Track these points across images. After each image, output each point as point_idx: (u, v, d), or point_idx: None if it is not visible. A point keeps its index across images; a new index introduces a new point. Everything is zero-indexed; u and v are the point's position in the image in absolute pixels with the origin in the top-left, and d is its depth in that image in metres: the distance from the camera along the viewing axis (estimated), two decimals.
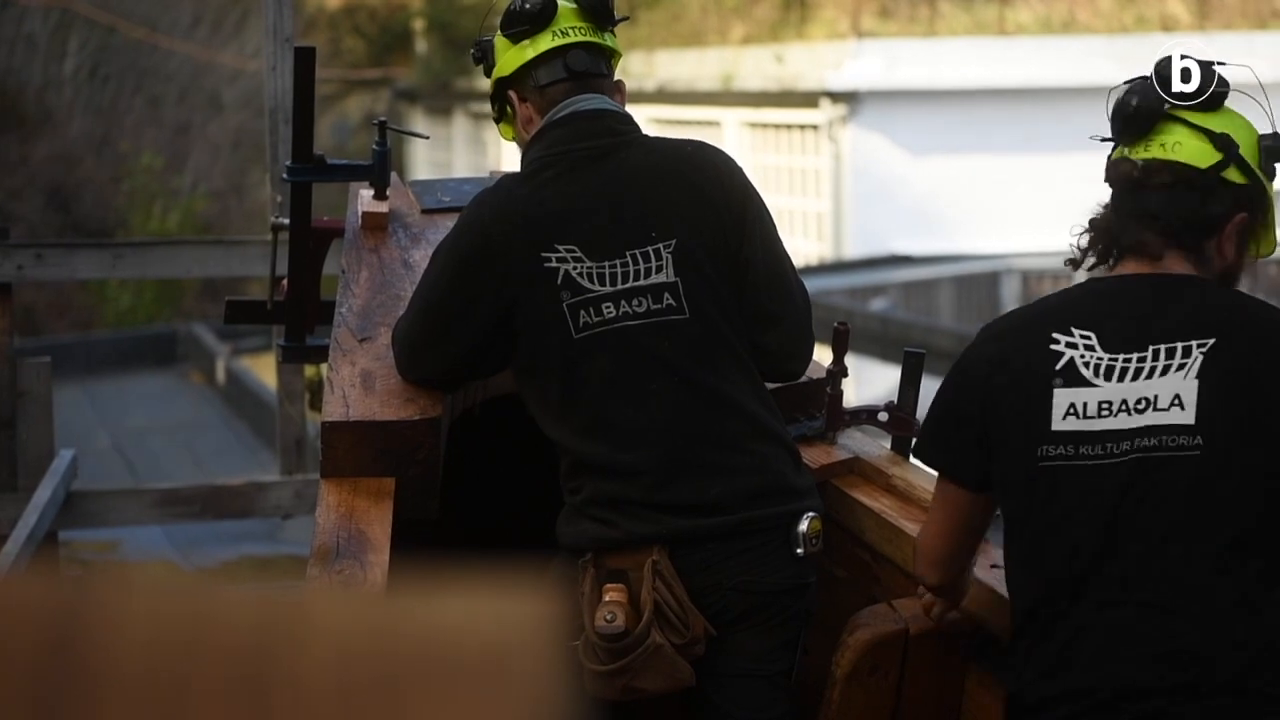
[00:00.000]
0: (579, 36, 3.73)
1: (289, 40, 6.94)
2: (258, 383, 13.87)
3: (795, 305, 3.72)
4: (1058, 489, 3.04)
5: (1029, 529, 3.10)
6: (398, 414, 3.71)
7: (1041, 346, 3.07)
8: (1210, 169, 3.07)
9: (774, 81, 22.83)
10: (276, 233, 4.78)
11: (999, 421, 3.10)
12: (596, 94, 3.71)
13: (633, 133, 3.71)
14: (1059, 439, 3.03)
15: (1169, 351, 3.00)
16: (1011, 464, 3.10)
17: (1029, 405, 3.06)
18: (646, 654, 3.48)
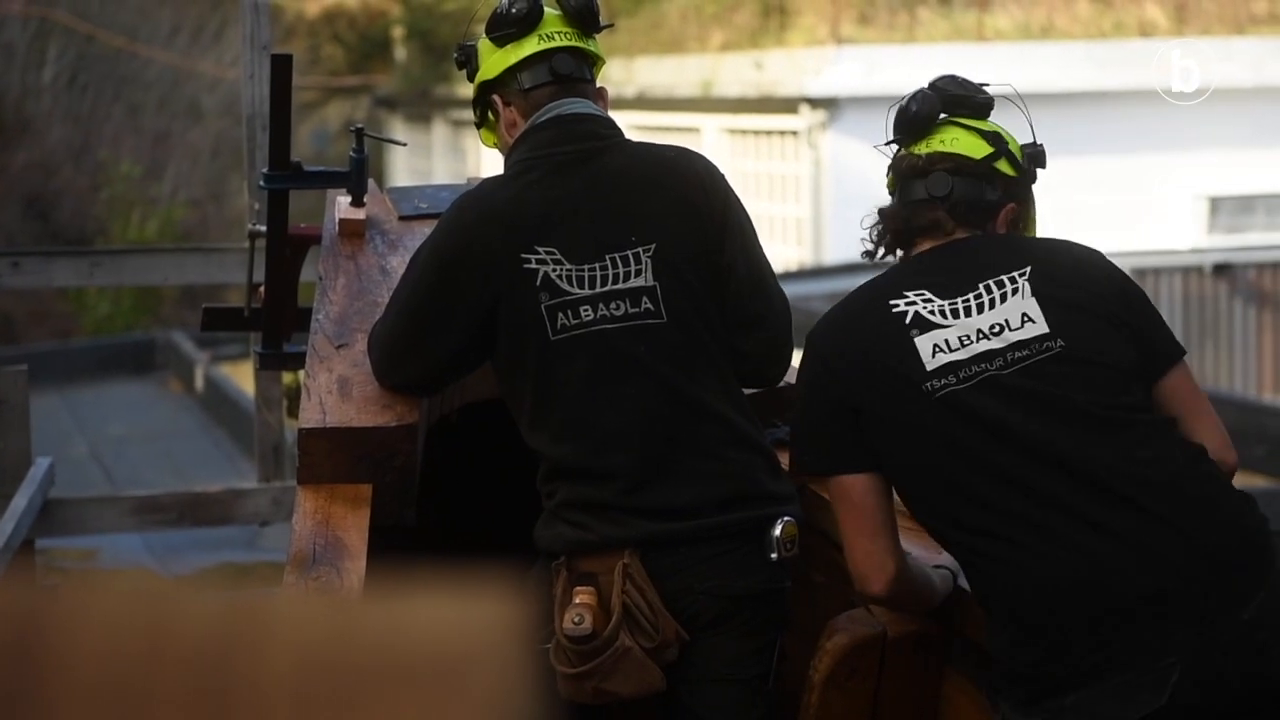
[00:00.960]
0: (564, 41, 3.74)
1: (266, 48, 6.94)
2: (236, 390, 13.85)
3: (775, 311, 3.72)
4: (952, 418, 3.24)
5: (937, 472, 3.24)
6: (375, 420, 3.71)
7: (884, 313, 3.33)
8: (985, 159, 3.45)
9: (753, 88, 22.84)
10: (254, 240, 4.78)
11: (870, 391, 3.29)
12: (581, 98, 3.72)
13: (616, 137, 3.72)
14: (938, 374, 3.26)
15: (997, 284, 3.33)
16: (899, 422, 3.27)
17: (899, 362, 3.28)
18: (615, 657, 3.48)
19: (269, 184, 4.44)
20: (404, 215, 4.49)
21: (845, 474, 3.35)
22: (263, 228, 4.60)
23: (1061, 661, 3.13)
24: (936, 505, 3.31)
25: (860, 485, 3.34)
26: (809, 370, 3.41)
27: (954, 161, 3.44)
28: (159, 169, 23.13)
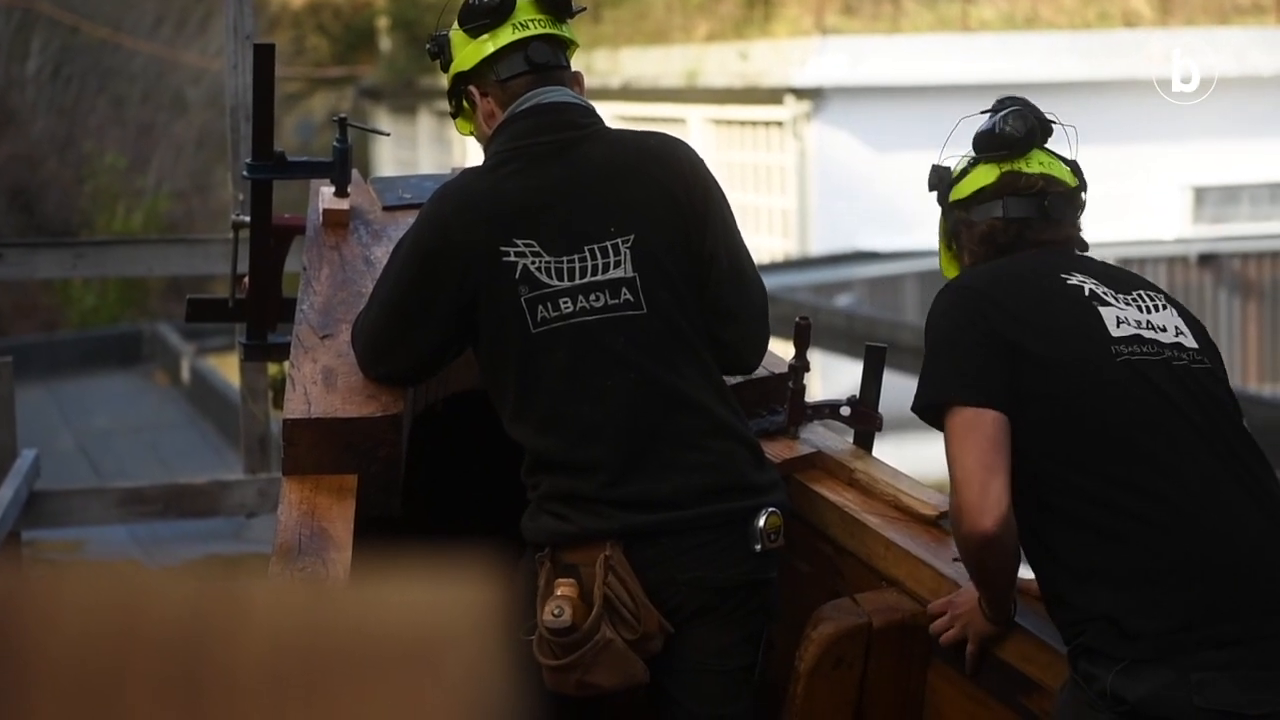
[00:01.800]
0: (539, 29, 3.72)
1: (250, 38, 6.92)
2: (222, 382, 13.81)
3: (753, 300, 3.72)
4: (1138, 382, 3.32)
5: (1108, 427, 3.27)
6: (360, 411, 3.71)
7: (1059, 282, 3.43)
8: (1076, 188, 3.63)
9: (738, 78, 22.83)
10: (237, 230, 4.77)
11: (1048, 338, 3.33)
12: (559, 86, 3.71)
13: (595, 125, 3.70)
14: (1124, 341, 3.34)
15: (1150, 295, 3.47)
16: (1076, 372, 3.31)
17: (1082, 321, 3.36)
18: (596, 649, 3.47)
19: (252, 174, 4.43)
20: (388, 205, 4.49)
21: (985, 407, 3.26)
22: (246, 218, 4.59)
23: (1201, 629, 3.13)
24: (1091, 458, 3.26)
25: (995, 420, 3.24)
26: (965, 309, 3.37)
27: (1062, 184, 3.59)
28: (143, 161, 23.08)
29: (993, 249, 3.55)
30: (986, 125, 3.64)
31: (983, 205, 3.57)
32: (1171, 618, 3.14)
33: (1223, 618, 3.14)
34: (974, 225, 3.57)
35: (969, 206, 3.58)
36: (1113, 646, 3.15)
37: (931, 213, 3.74)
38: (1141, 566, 3.18)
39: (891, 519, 3.90)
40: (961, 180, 3.62)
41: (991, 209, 3.56)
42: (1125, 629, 3.15)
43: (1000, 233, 3.55)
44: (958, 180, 3.62)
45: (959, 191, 3.60)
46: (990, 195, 3.57)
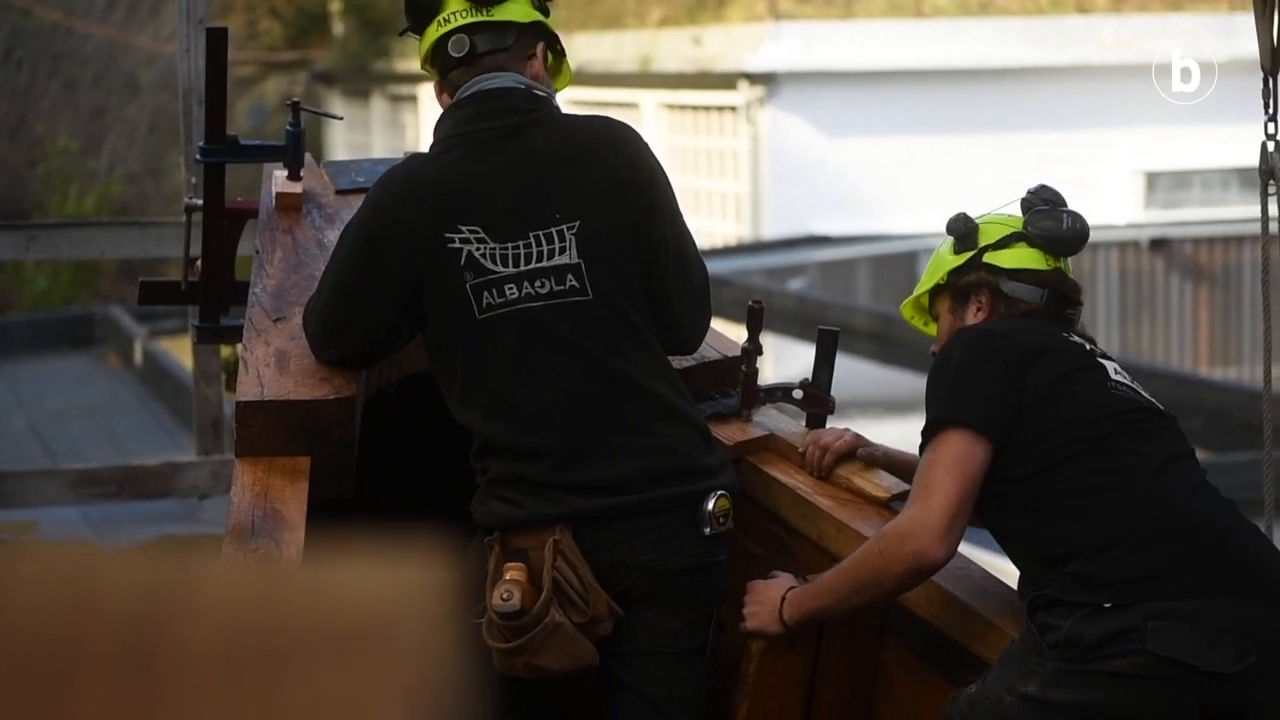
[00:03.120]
0: (459, 20, 3.70)
1: (202, 21, 6.90)
2: (175, 364, 13.77)
3: (693, 281, 3.74)
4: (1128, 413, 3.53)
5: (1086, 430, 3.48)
6: (312, 393, 3.72)
7: (1063, 339, 3.63)
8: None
9: (692, 63, 22.84)
10: (190, 214, 4.76)
11: (1054, 370, 3.51)
12: (502, 71, 3.70)
13: (540, 110, 3.69)
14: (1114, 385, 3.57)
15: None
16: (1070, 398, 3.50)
17: (1064, 362, 3.55)
18: (545, 632, 3.50)
19: (205, 158, 4.43)
20: (340, 189, 4.49)
21: (981, 434, 3.44)
22: (199, 202, 4.59)
23: (1166, 580, 3.28)
24: (1074, 448, 3.45)
25: (985, 456, 3.44)
26: (975, 340, 3.57)
27: (1080, 299, 3.82)
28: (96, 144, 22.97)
29: (1010, 318, 3.70)
30: (1050, 218, 3.75)
31: (1023, 285, 3.72)
32: (1137, 568, 3.27)
33: (1188, 570, 3.28)
34: (1012, 300, 3.70)
35: (1006, 277, 3.72)
36: (1076, 594, 3.28)
37: (883, 197, 3.81)
38: (1113, 527, 3.34)
39: (843, 501, 3.92)
40: (1005, 249, 3.73)
41: (1032, 294, 3.71)
42: (1091, 578, 3.28)
43: (1033, 314, 3.70)
44: (999, 245, 3.73)
45: (1004, 260, 3.73)
46: (1033, 281, 3.72)
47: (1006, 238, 3.74)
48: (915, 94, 21.90)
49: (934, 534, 3.39)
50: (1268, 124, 4.17)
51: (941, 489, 3.41)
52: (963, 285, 3.73)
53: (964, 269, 3.74)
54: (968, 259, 3.74)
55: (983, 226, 3.77)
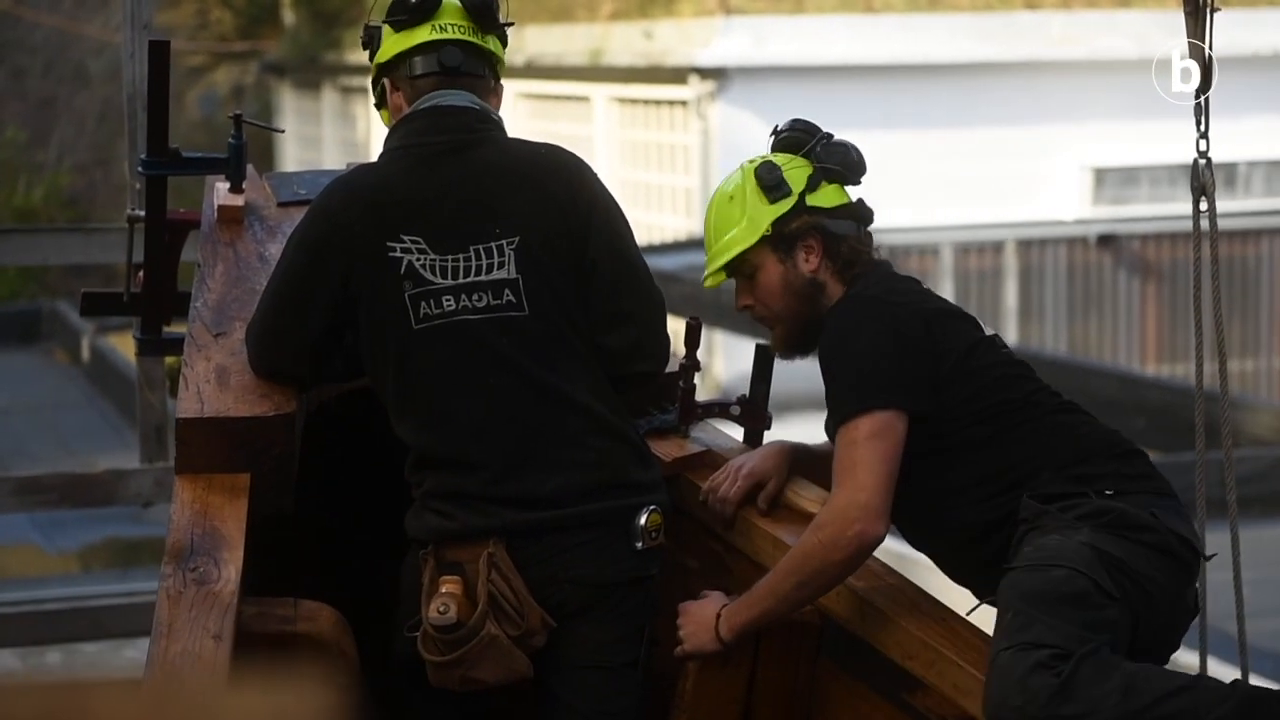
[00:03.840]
0: (457, 34, 3.76)
1: (148, 27, 6.88)
2: (123, 361, 13.72)
3: (644, 307, 3.75)
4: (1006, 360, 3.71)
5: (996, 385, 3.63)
6: (252, 410, 3.72)
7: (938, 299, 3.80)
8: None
9: (642, 57, 22.83)
10: (133, 224, 4.75)
11: (957, 338, 3.65)
12: (464, 91, 3.74)
13: (490, 131, 3.74)
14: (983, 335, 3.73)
15: None
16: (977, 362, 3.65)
17: (966, 321, 3.72)
18: (481, 645, 3.53)
19: (147, 170, 4.42)
20: (283, 201, 4.48)
21: (902, 410, 3.53)
22: (141, 213, 4.58)
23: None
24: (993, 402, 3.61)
25: (902, 428, 3.52)
26: (886, 311, 3.62)
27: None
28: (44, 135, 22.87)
29: (858, 264, 3.78)
30: (838, 148, 3.84)
31: (844, 221, 3.79)
32: (1113, 472, 3.55)
33: (1148, 477, 3.59)
34: (839, 238, 3.77)
35: (828, 216, 3.78)
36: (1074, 487, 3.50)
37: None
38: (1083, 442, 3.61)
39: (779, 517, 3.95)
40: (818, 190, 3.77)
41: (851, 228, 3.81)
42: (1080, 477, 3.53)
43: (865, 249, 3.82)
44: (812, 187, 3.78)
45: (823, 199, 3.78)
46: (848, 216, 3.81)
47: (813, 178, 3.79)
48: (865, 89, 21.93)
49: (871, 512, 3.47)
50: (1199, 141, 4.21)
51: (867, 466, 3.48)
52: (789, 233, 3.76)
53: (788, 217, 3.76)
54: (791, 205, 3.76)
55: (789, 172, 3.78)
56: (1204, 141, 4.23)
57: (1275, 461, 12.84)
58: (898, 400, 3.51)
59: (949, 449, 3.57)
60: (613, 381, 3.72)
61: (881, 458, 3.48)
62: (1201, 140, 4.22)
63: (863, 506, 3.45)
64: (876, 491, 3.46)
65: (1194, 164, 4.24)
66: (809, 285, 3.75)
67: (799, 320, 3.76)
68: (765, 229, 3.75)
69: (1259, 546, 10.81)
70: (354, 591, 4.11)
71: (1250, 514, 11.18)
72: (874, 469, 3.47)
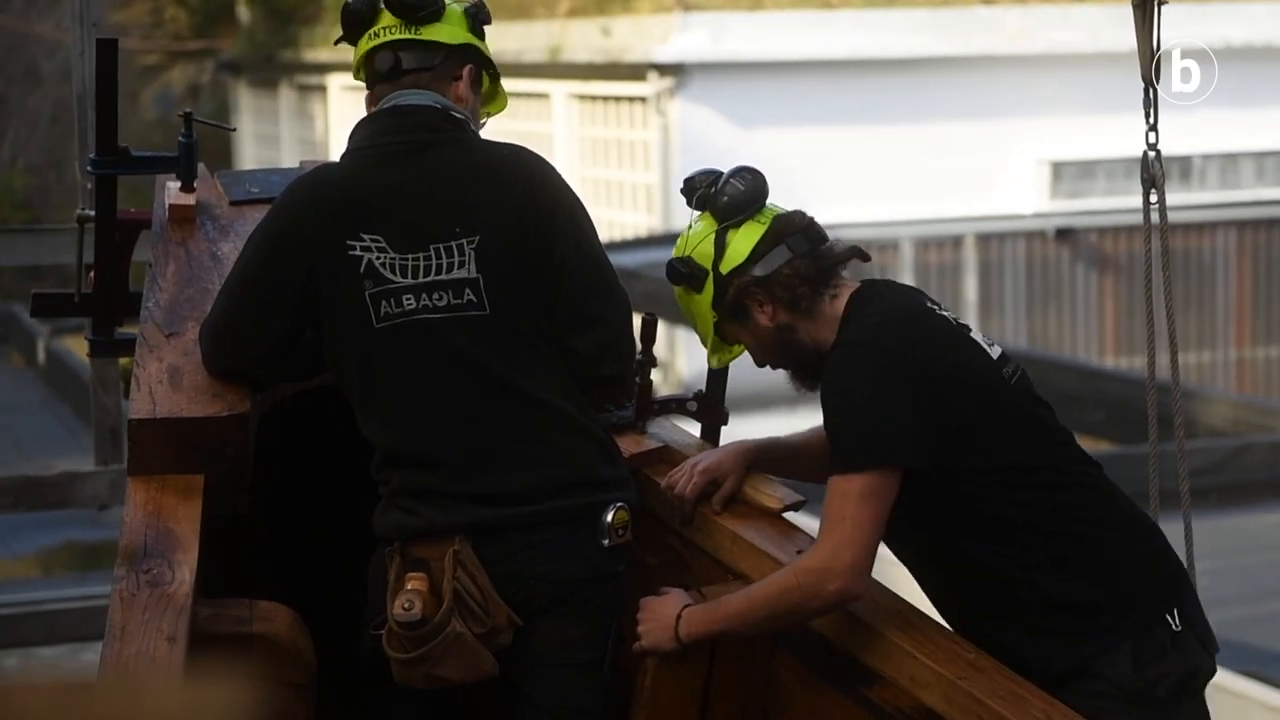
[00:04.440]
0: (387, 36, 3.75)
1: (96, 26, 6.84)
2: (79, 364, 13.64)
3: (612, 310, 3.71)
4: (1028, 402, 3.62)
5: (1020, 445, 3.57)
6: (205, 410, 3.70)
7: (932, 315, 3.62)
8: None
9: (601, 54, 22.82)
10: (83, 224, 4.72)
11: (959, 383, 3.53)
12: (420, 90, 3.73)
13: (454, 131, 3.72)
14: (1000, 362, 3.61)
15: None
16: (991, 404, 3.56)
17: (971, 353, 3.58)
18: (446, 643, 3.52)
19: (96, 170, 4.39)
20: (235, 200, 4.46)
21: (896, 469, 3.45)
22: (91, 212, 4.55)
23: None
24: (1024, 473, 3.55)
25: (895, 486, 3.45)
26: (889, 364, 3.49)
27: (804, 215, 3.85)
28: None
29: (809, 286, 3.65)
30: (723, 192, 3.71)
31: (770, 257, 3.67)
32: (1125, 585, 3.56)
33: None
34: (771, 279, 3.65)
35: (753, 266, 3.66)
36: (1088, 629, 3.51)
37: (793, 188, 3.82)
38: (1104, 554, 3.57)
39: (737, 513, 3.94)
40: (725, 251, 3.68)
41: (782, 255, 3.67)
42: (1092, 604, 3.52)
43: (808, 269, 3.66)
44: (719, 253, 3.69)
45: (735, 258, 3.67)
46: (771, 245, 3.67)
47: (715, 240, 3.70)
48: (823, 85, 21.96)
49: (855, 571, 3.44)
50: (1148, 133, 4.21)
51: (856, 523, 3.44)
52: (731, 305, 3.70)
53: (719, 294, 3.70)
54: (713, 288, 3.70)
55: (693, 254, 3.72)
56: (1153, 134, 4.23)
57: (1230, 452, 12.90)
58: (895, 458, 3.45)
59: (959, 502, 3.54)
60: (581, 383, 3.70)
61: (871, 517, 3.44)
62: (1151, 133, 4.23)
63: (848, 565, 3.44)
64: (863, 550, 3.44)
65: (1144, 156, 4.24)
66: (779, 334, 3.68)
67: (794, 363, 3.72)
68: (711, 316, 3.73)
69: (1216, 536, 10.89)
70: (313, 591, 4.10)
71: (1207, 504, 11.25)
72: (863, 527, 3.44)
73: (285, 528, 4.45)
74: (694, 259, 3.71)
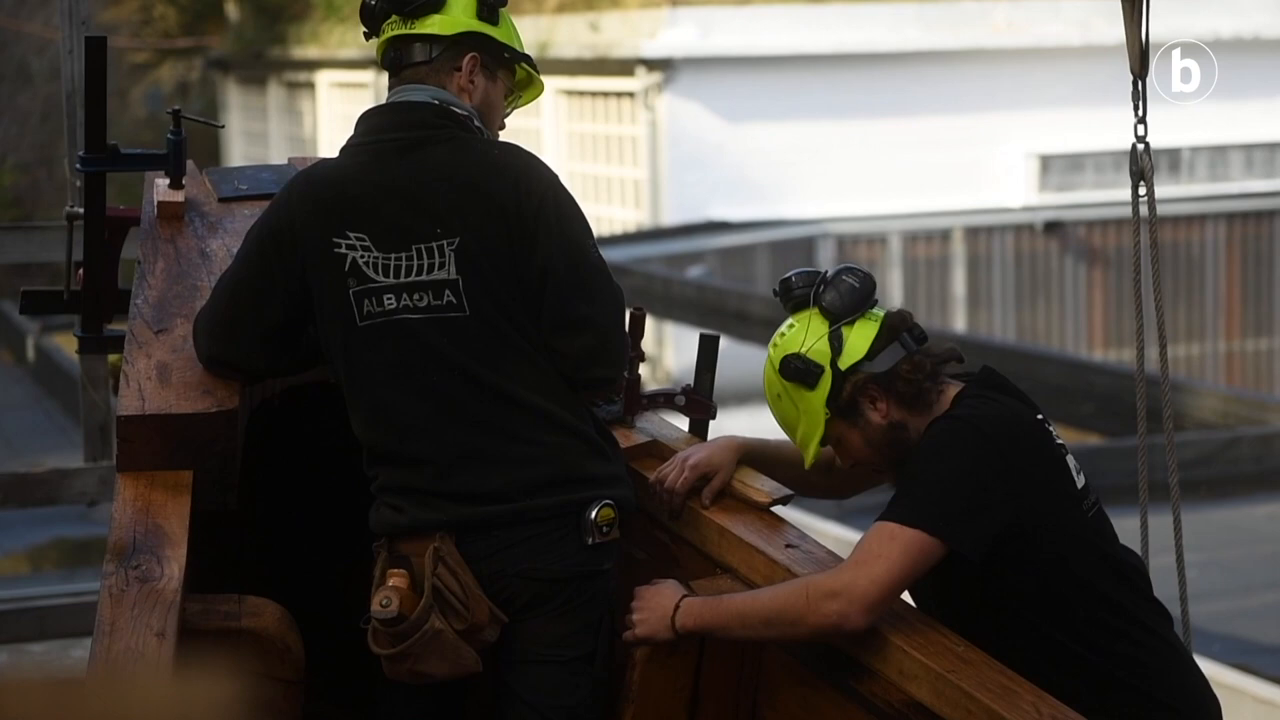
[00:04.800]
0: (389, 32, 3.76)
1: (85, 24, 6.84)
2: (69, 361, 13.66)
3: (602, 312, 3.68)
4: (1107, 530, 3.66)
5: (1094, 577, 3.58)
6: (194, 406, 3.70)
7: (1042, 430, 3.61)
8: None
9: (589, 49, 22.83)
10: (72, 222, 4.72)
11: (1043, 497, 3.55)
12: (420, 85, 3.72)
13: (449, 129, 3.69)
14: (1084, 492, 3.62)
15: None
16: (1065, 529, 3.57)
17: (1062, 476, 3.59)
18: (425, 639, 3.52)
19: (85, 167, 4.39)
20: (224, 197, 4.46)
21: (948, 546, 3.46)
22: (81, 210, 4.55)
23: None
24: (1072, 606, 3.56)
25: (938, 557, 3.46)
26: (982, 449, 3.52)
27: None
28: None
29: (930, 381, 3.66)
30: (832, 288, 3.70)
31: (885, 355, 3.67)
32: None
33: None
34: (891, 375, 3.66)
35: (869, 363, 3.66)
36: None
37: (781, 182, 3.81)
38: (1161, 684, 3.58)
39: (726, 507, 3.94)
40: (844, 348, 3.68)
41: (895, 354, 3.68)
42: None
43: (923, 364, 3.66)
44: (836, 349, 3.68)
45: (851, 356, 3.66)
46: (886, 344, 3.67)
47: (834, 338, 3.69)
48: (811, 79, 21.98)
49: (862, 605, 3.44)
50: (1137, 125, 4.22)
51: (888, 568, 3.44)
52: (845, 403, 3.68)
53: (835, 391, 3.68)
54: (832, 380, 3.68)
55: (809, 351, 3.70)
56: (1142, 126, 4.24)
57: (1219, 445, 12.92)
58: (953, 538, 3.46)
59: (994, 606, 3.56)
60: (570, 384, 3.68)
61: (904, 570, 3.45)
62: (1140, 125, 4.23)
63: (861, 595, 3.44)
64: (883, 592, 3.45)
65: (1133, 149, 4.25)
66: (889, 431, 3.68)
67: (894, 461, 3.72)
68: (824, 414, 3.71)
69: (1205, 529, 10.91)
70: (301, 587, 4.10)
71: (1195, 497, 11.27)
72: (892, 573, 3.44)
73: (274, 523, 4.46)
74: (809, 356, 3.69)
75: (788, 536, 3.83)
